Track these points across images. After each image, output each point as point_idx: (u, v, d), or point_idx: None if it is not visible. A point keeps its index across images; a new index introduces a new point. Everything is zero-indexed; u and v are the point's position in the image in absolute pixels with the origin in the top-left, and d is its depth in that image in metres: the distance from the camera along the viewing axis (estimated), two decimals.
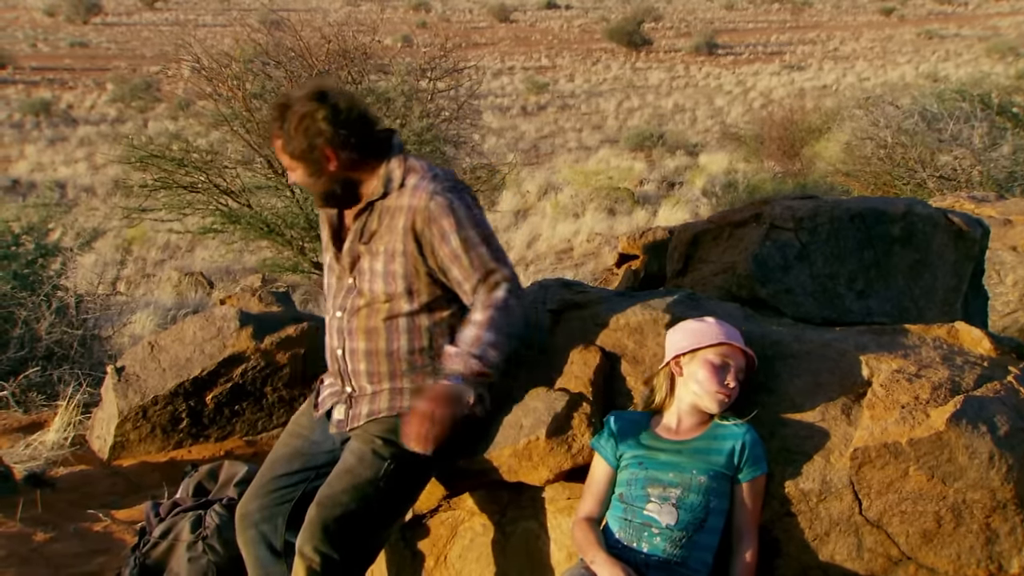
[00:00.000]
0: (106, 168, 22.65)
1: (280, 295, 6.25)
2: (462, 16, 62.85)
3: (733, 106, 35.78)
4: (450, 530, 3.14)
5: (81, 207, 18.95)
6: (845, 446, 2.71)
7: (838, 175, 15.13)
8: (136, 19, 60.39)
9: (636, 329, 3.13)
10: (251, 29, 11.78)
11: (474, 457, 2.95)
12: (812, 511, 2.69)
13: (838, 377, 2.88)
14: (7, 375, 5.92)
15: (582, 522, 2.76)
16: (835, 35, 56.41)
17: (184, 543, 3.74)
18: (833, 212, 3.57)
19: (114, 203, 16.97)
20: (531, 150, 28.47)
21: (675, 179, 22.51)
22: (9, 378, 5.87)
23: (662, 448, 2.76)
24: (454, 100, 11.79)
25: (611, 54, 50.34)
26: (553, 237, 16.99)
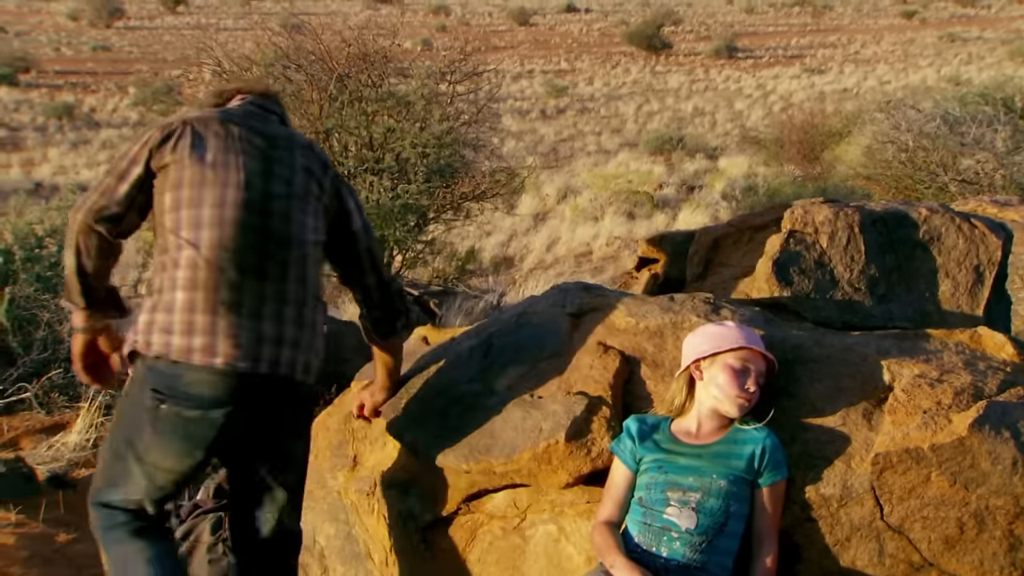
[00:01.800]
0: None
1: None
2: (482, 19, 62.93)
3: (753, 109, 35.68)
4: (469, 533, 3.14)
5: None
6: (866, 451, 2.70)
7: (859, 179, 15.05)
8: (158, 23, 60.79)
9: (656, 333, 3.13)
10: (272, 33, 11.79)
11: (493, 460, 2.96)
12: (833, 516, 2.68)
13: (859, 382, 2.86)
14: (30, 377, 5.96)
15: (601, 526, 2.75)
16: (856, 38, 56.16)
17: (205, 545, 3.75)
18: (854, 216, 3.56)
19: None
20: (550, 153, 28.46)
21: (694, 183, 22.44)
22: (32, 380, 5.92)
23: (682, 452, 2.76)
24: (474, 103, 11.78)
25: (631, 57, 50.30)
26: (572, 240, 16.98)
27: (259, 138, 3.01)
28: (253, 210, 2.90)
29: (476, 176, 11.29)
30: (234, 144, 2.95)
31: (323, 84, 10.52)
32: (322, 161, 3.14)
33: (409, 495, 3.21)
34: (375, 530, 3.29)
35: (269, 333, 2.86)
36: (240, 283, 2.85)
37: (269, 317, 2.87)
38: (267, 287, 2.89)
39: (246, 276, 2.86)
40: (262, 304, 2.87)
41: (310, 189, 3.03)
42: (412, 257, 11.55)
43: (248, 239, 2.87)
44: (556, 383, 3.07)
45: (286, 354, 2.89)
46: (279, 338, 2.88)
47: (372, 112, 10.42)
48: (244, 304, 2.84)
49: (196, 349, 2.78)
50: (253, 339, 2.83)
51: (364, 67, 10.63)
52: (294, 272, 2.94)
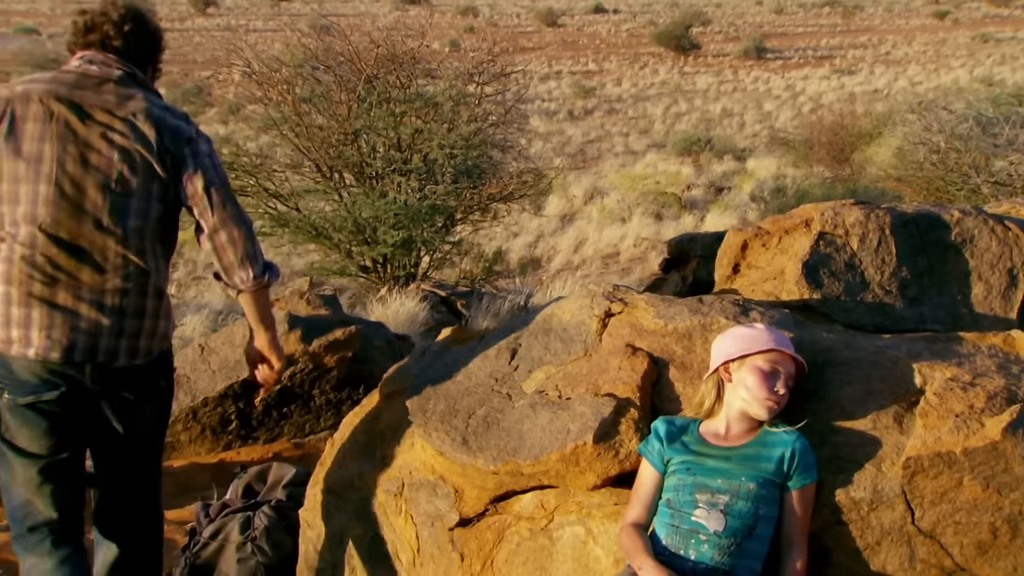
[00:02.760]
0: None
1: (328, 298, 6.30)
2: (510, 21, 62.97)
3: (782, 110, 35.49)
4: (497, 534, 3.14)
5: None
6: (897, 455, 2.67)
7: (889, 180, 14.95)
8: (188, 24, 61.24)
9: (684, 335, 3.12)
10: (301, 34, 11.86)
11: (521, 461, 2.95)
12: (863, 520, 2.65)
13: (890, 385, 2.84)
14: None
15: (629, 528, 2.74)
16: (887, 39, 55.77)
17: (234, 544, 3.78)
18: (885, 218, 3.53)
19: None
20: (578, 154, 28.44)
21: (723, 184, 22.36)
22: None
23: (710, 454, 2.74)
24: (501, 104, 11.80)
25: (659, 58, 50.18)
26: (600, 241, 16.95)
27: (80, 117, 2.97)
28: (66, 205, 2.94)
29: (503, 177, 11.30)
30: (50, 129, 2.94)
31: (352, 85, 10.57)
32: (158, 128, 3.03)
33: (437, 496, 3.21)
34: (403, 531, 3.30)
35: (84, 324, 2.94)
36: (54, 276, 2.93)
37: (86, 308, 2.94)
38: (83, 278, 2.95)
39: (60, 269, 2.94)
40: (78, 295, 2.94)
41: (135, 168, 3.00)
42: (439, 258, 11.59)
43: (61, 233, 2.93)
44: (584, 384, 3.06)
45: (104, 342, 2.96)
46: (96, 328, 2.95)
47: (400, 113, 10.46)
48: (58, 296, 2.93)
49: (14, 341, 2.91)
50: (67, 330, 2.92)
51: (392, 68, 10.68)
52: (114, 261, 2.98)
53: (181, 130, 3.06)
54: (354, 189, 10.75)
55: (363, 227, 10.38)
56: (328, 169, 10.79)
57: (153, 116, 3.04)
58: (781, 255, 3.65)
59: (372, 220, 10.21)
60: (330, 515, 3.55)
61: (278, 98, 10.76)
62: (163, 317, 3.11)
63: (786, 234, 3.70)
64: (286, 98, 10.61)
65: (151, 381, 3.13)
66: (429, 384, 3.39)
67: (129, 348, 3.01)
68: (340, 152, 10.62)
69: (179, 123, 3.08)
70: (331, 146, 10.62)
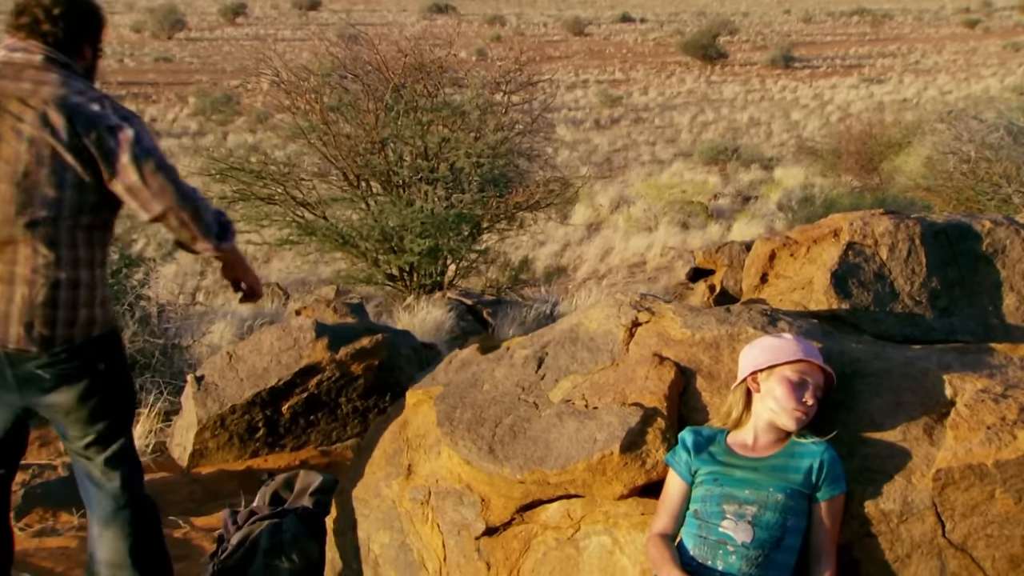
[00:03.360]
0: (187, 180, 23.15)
1: (354, 306, 6.33)
2: (537, 29, 63.07)
3: (810, 120, 35.35)
4: (523, 543, 3.13)
5: None
6: (927, 467, 2.65)
7: (918, 190, 14.85)
8: (218, 34, 61.79)
9: (712, 344, 3.11)
10: (329, 43, 11.94)
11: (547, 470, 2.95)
12: (893, 532, 2.63)
13: (920, 396, 2.82)
14: None
15: (656, 538, 2.73)
16: (916, 48, 55.44)
17: (261, 551, 3.80)
18: (915, 228, 3.50)
19: None
20: (604, 163, 28.43)
21: (750, 193, 22.29)
22: None
23: (738, 465, 2.73)
24: (528, 113, 11.82)
25: (686, 67, 50.11)
26: (626, 251, 16.93)
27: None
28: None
29: (530, 186, 11.32)
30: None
31: (379, 94, 10.62)
32: (70, 117, 2.98)
33: (463, 504, 3.21)
34: (429, 539, 3.30)
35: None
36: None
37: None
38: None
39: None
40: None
41: (42, 160, 2.97)
42: (466, 266, 11.61)
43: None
44: (611, 394, 3.06)
45: (13, 331, 3.01)
46: (6, 318, 3.01)
47: (427, 122, 10.49)
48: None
49: None
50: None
51: (420, 77, 10.72)
52: (23, 252, 2.99)
53: (98, 118, 3.00)
54: (381, 198, 10.79)
55: (390, 235, 10.41)
56: (355, 178, 10.84)
57: (65, 104, 2.98)
58: (809, 265, 3.63)
59: (399, 228, 10.24)
60: (357, 523, 3.56)
61: (306, 107, 10.83)
62: (83, 306, 3.10)
63: (814, 244, 3.68)
64: (314, 107, 10.68)
65: (78, 367, 3.14)
66: (456, 393, 3.39)
67: (41, 337, 3.04)
68: (367, 161, 10.66)
69: (96, 110, 3.01)
70: (358, 155, 10.67)
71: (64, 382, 3.13)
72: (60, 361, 3.08)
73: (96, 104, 3.01)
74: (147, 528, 3.39)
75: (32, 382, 3.11)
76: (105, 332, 3.20)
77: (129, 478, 3.35)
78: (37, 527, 4.39)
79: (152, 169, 3.01)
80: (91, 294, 3.12)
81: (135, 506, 3.35)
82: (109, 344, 3.23)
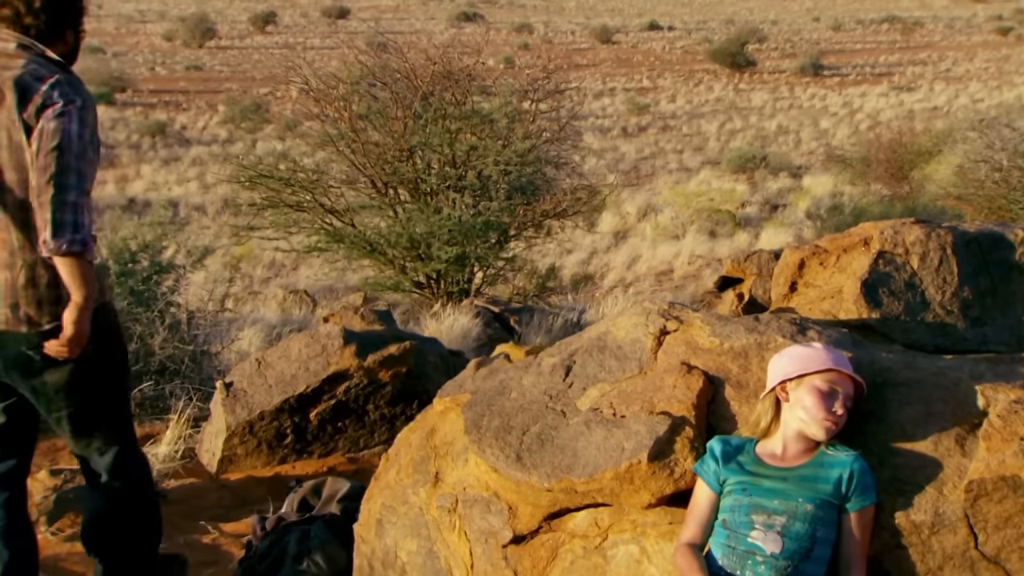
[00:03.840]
0: (216, 187, 23.38)
1: (382, 313, 6.35)
2: (564, 37, 63.13)
3: (839, 128, 35.16)
4: (551, 552, 3.12)
5: (193, 225, 19.54)
6: (959, 478, 2.63)
7: (949, 199, 14.73)
8: (248, 42, 62.25)
9: (740, 353, 3.09)
10: (358, 51, 11.99)
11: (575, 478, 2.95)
12: (924, 544, 2.61)
13: (952, 406, 2.79)
14: None
15: (684, 548, 2.72)
16: (948, 55, 55.03)
17: (289, 557, 3.81)
18: (946, 237, 3.47)
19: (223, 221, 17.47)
20: (631, 171, 28.38)
21: (778, 201, 22.19)
22: None
23: (767, 475, 2.71)
24: (556, 121, 11.83)
25: (714, 75, 49.98)
26: (653, 259, 16.89)
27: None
28: None
29: (557, 194, 11.32)
30: None
31: (408, 102, 10.66)
32: (20, 93, 3.03)
33: (491, 512, 3.20)
34: (456, 547, 3.30)
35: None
36: None
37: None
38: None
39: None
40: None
41: (3, 141, 3.04)
42: (493, 274, 11.61)
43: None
44: (639, 402, 3.05)
45: (0, 313, 3.11)
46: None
47: (455, 130, 10.52)
48: None
49: None
50: None
51: (448, 85, 10.75)
52: (1, 237, 3.10)
53: (37, 92, 3.03)
54: (409, 205, 10.83)
55: (417, 243, 10.43)
56: (383, 185, 10.88)
57: (17, 82, 3.03)
58: (839, 274, 3.61)
59: (426, 236, 10.27)
60: (384, 530, 3.56)
61: (335, 115, 10.88)
62: (33, 288, 3.14)
63: (844, 252, 3.66)
64: (343, 115, 10.73)
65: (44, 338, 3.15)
66: (483, 400, 3.39)
67: (27, 317, 3.11)
68: (395, 168, 10.70)
69: (39, 87, 3.04)
70: (387, 162, 10.72)
71: (53, 362, 3.16)
72: (48, 340, 3.11)
73: (44, 83, 3.04)
74: (132, 523, 3.46)
75: (22, 363, 3.17)
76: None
77: (123, 462, 3.41)
78: (69, 532, 4.42)
79: (51, 146, 2.97)
80: None
81: (124, 490, 3.41)
82: (97, 319, 3.18)
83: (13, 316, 3.11)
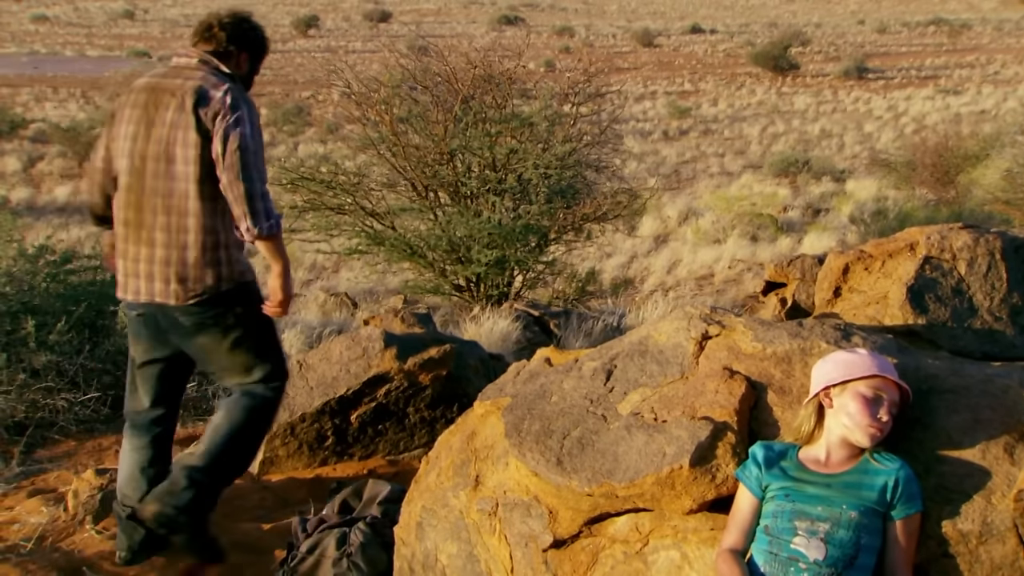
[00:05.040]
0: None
1: (422, 316, 6.36)
2: (605, 41, 63.02)
3: (883, 131, 34.78)
4: (591, 557, 3.11)
5: None
6: (1008, 487, 2.59)
7: (997, 204, 14.52)
8: (290, 46, 62.76)
9: (783, 358, 3.07)
10: (399, 55, 12.04)
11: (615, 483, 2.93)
12: (972, 553, 2.57)
13: (1000, 414, 2.75)
14: None
15: (726, 554, 2.70)
16: (996, 58, 54.23)
17: (330, 559, 3.82)
18: (995, 242, 3.42)
19: None
20: (672, 175, 28.27)
21: (820, 206, 21.98)
22: None
23: (810, 481, 2.69)
24: (596, 125, 11.80)
25: (756, 79, 49.65)
26: (694, 263, 16.79)
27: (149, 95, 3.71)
28: (133, 167, 3.69)
29: (597, 197, 11.28)
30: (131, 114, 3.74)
31: (448, 105, 10.68)
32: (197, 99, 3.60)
33: (531, 516, 3.20)
34: (496, 550, 3.29)
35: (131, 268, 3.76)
36: (125, 234, 3.75)
37: (135, 257, 3.73)
38: (142, 235, 3.69)
39: (129, 227, 3.73)
40: (136, 245, 3.72)
41: (178, 138, 3.61)
42: (533, 278, 11.60)
43: (129, 195, 3.71)
44: (680, 407, 3.03)
45: (158, 287, 3.71)
46: (150, 276, 3.72)
47: (496, 133, 10.52)
48: (128, 250, 3.75)
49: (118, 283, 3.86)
50: (126, 276, 3.79)
51: (489, 88, 10.75)
52: (162, 221, 3.65)
53: (215, 100, 3.60)
54: (449, 208, 10.84)
55: (457, 246, 10.44)
56: (423, 188, 10.90)
57: (197, 91, 3.62)
58: (884, 279, 3.57)
59: (466, 239, 10.27)
60: (424, 533, 3.57)
61: (376, 118, 10.92)
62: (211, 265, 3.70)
63: (890, 258, 3.62)
64: (384, 118, 10.77)
65: (212, 315, 3.75)
66: (524, 404, 3.38)
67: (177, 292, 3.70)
68: (436, 171, 10.72)
69: (217, 95, 3.61)
70: (427, 165, 10.74)
71: (201, 328, 3.76)
72: (195, 311, 3.71)
73: (220, 91, 3.62)
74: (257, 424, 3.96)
75: (176, 328, 3.77)
76: (232, 286, 3.75)
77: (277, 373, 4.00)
78: (114, 530, 4.47)
79: (235, 147, 3.54)
80: (216, 255, 3.69)
81: (261, 402, 3.93)
82: (239, 295, 3.79)
83: (166, 290, 3.68)
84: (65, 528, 4.49)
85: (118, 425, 5.93)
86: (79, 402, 5.99)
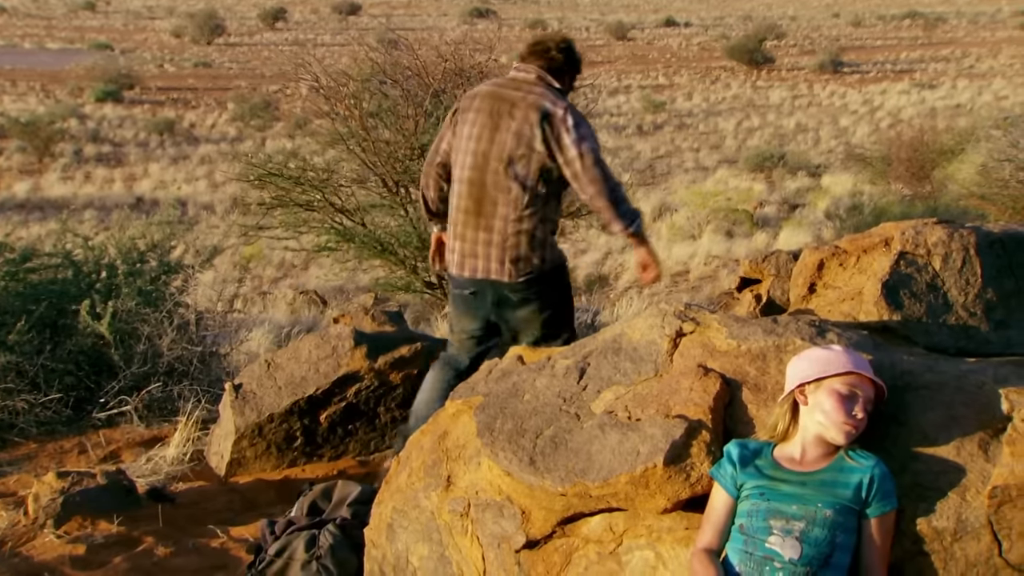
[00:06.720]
0: (225, 186, 23.37)
1: (393, 314, 6.30)
2: (579, 34, 62.93)
3: (859, 126, 34.94)
4: (564, 557, 3.08)
5: (201, 224, 19.51)
6: (983, 484, 2.58)
7: (972, 198, 14.59)
8: (257, 39, 62.42)
9: (758, 356, 3.04)
10: (368, 48, 11.95)
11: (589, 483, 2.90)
12: (947, 551, 2.56)
13: (975, 410, 2.74)
14: (131, 390, 6.05)
15: (701, 553, 2.68)
16: (971, 52, 54.54)
17: (299, 562, 3.78)
18: (970, 238, 3.41)
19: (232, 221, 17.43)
20: (647, 170, 28.20)
21: (796, 201, 22.08)
22: (132, 393, 6.01)
23: (785, 479, 2.67)
24: None
25: (731, 72, 49.78)
26: (669, 259, 16.78)
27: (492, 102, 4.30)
28: (476, 163, 4.28)
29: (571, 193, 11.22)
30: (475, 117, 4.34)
31: (419, 100, 10.60)
32: (541, 115, 4.16)
33: (503, 517, 3.17)
34: (469, 552, 3.26)
35: (469, 250, 4.35)
36: (465, 220, 4.34)
37: (473, 240, 4.32)
38: (480, 222, 4.29)
39: (468, 215, 4.32)
40: (475, 231, 4.31)
41: (521, 145, 4.18)
42: None
43: (471, 188, 4.30)
44: (654, 406, 3.00)
45: (493, 266, 4.30)
46: (487, 257, 4.31)
47: None
48: (467, 234, 4.34)
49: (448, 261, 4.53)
50: (463, 256, 4.39)
51: (460, 82, 10.68)
52: (502, 211, 4.23)
53: (557, 118, 4.17)
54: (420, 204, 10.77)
55: (428, 242, 10.37)
56: (394, 184, 10.81)
57: (538, 105, 4.20)
58: (859, 275, 3.55)
59: None
60: (395, 534, 3.53)
61: (345, 112, 10.83)
62: (537, 248, 4.31)
63: (864, 253, 3.60)
64: (353, 113, 10.67)
65: (535, 291, 4.36)
66: (496, 403, 3.35)
67: (509, 270, 4.30)
68: (407, 167, 10.64)
69: (558, 112, 4.18)
70: (397, 161, 10.65)
71: (525, 302, 4.36)
72: (522, 288, 4.32)
73: (560, 109, 4.18)
74: None
75: (503, 302, 4.38)
76: (552, 268, 4.38)
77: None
78: (76, 534, 4.40)
79: (590, 162, 4.14)
80: (542, 241, 4.31)
81: None
82: (556, 276, 4.45)
83: (500, 269, 4.28)
84: (25, 533, 4.42)
85: (80, 427, 5.86)
86: (40, 403, 5.86)
